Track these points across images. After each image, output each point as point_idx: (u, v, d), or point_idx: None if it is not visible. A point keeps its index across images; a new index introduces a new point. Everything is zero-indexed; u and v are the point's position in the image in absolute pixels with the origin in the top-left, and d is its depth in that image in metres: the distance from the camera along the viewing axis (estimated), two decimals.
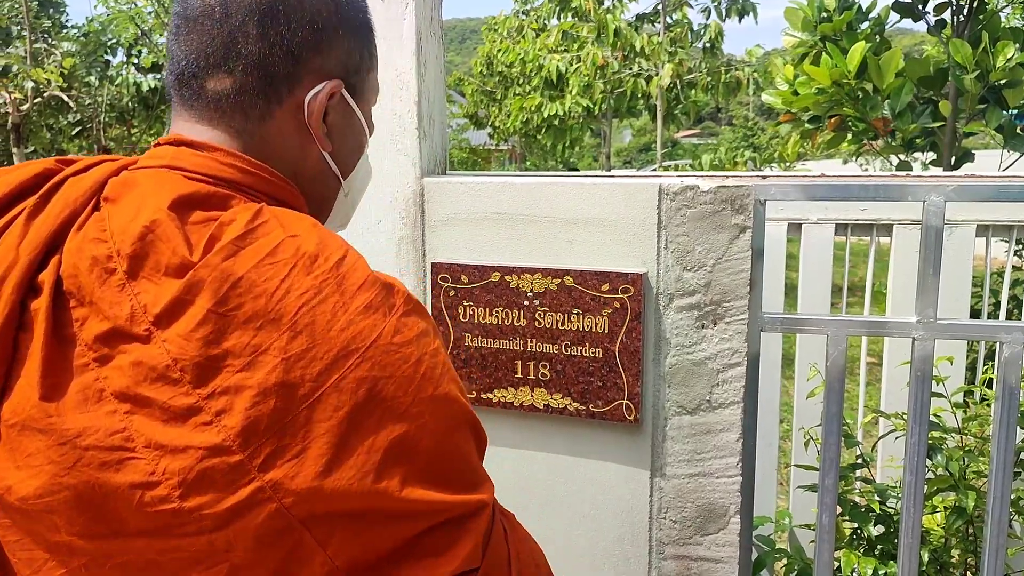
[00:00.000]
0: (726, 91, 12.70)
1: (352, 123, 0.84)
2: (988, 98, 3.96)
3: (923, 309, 1.43)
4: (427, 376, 0.66)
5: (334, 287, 0.66)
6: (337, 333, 0.64)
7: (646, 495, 1.54)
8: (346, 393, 0.63)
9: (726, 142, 22.15)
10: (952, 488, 1.58)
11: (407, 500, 0.64)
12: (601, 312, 1.49)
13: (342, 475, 0.62)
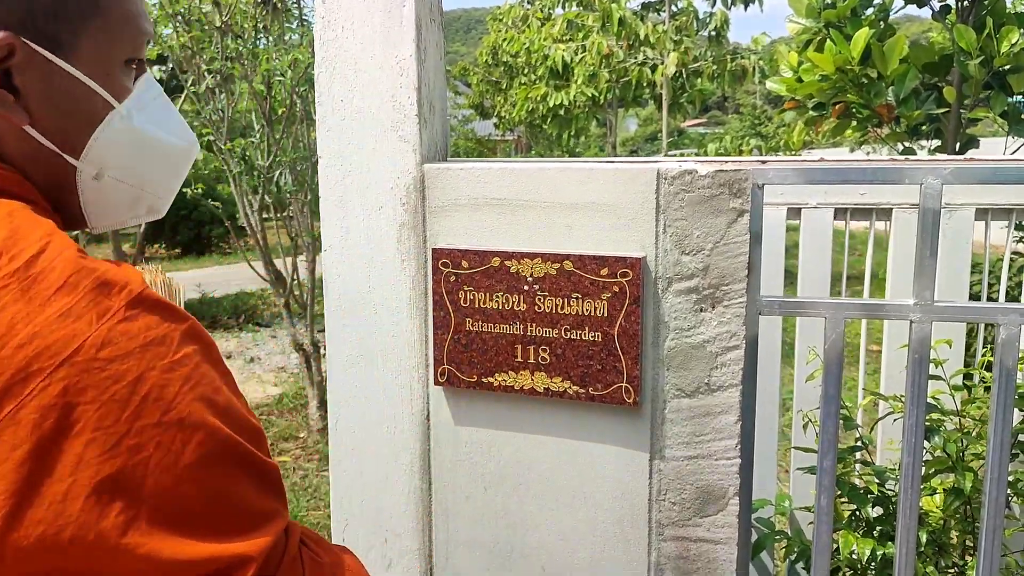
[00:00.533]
0: (732, 79, 12.67)
1: (64, 86, 0.68)
2: (992, 84, 3.94)
3: (920, 292, 1.43)
4: (152, 398, 0.55)
5: (17, 293, 0.54)
6: (13, 351, 0.52)
7: (645, 477, 1.55)
8: (26, 427, 0.51)
9: (733, 131, 22.09)
10: (950, 470, 1.59)
11: (129, 553, 0.53)
12: (600, 296, 1.50)
13: (30, 530, 0.51)
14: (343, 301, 1.69)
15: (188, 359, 0.58)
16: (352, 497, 1.74)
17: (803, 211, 1.79)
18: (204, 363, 0.59)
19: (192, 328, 0.60)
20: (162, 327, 0.57)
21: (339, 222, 1.66)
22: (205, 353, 0.60)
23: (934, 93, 4.11)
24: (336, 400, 1.74)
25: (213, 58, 5.98)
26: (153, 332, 0.57)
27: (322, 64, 1.62)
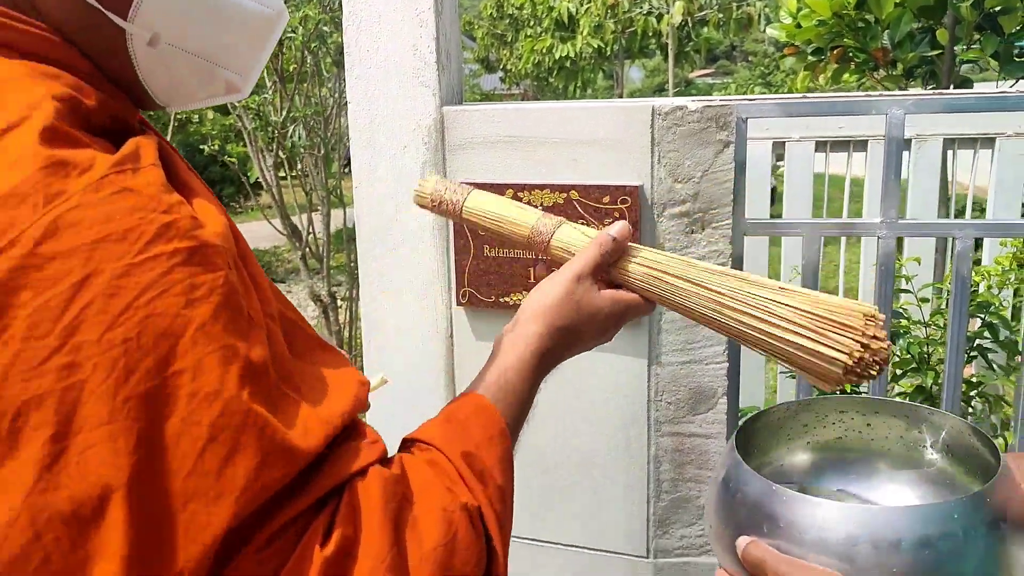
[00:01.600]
0: (737, 27, 12.67)
1: None
2: (984, 25, 4.06)
3: (886, 210, 1.62)
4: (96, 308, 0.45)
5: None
6: None
7: (644, 380, 1.76)
8: None
9: (742, 80, 22.00)
10: (915, 370, 1.79)
11: None
12: (603, 222, 1.69)
13: None
14: (373, 233, 1.88)
15: (155, 263, 0.47)
16: (383, 409, 1.95)
17: (787, 144, 1.97)
18: (181, 269, 0.48)
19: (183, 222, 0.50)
20: (128, 218, 0.47)
21: (368, 162, 1.85)
22: (193, 257, 0.49)
23: (928, 36, 4.23)
24: (369, 324, 1.94)
25: None
26: (113, 225, 0.46)
27: (349, 18, 1.79)
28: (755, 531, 0.75)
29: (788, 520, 0.73)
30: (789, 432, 0.96)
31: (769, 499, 0.75)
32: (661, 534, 1.81)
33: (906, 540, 0.69)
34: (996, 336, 1.76)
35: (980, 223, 1.57)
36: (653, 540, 1.82)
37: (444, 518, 0.57)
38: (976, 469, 0.84)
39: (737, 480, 0.79)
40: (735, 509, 0.78)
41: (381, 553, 0.52)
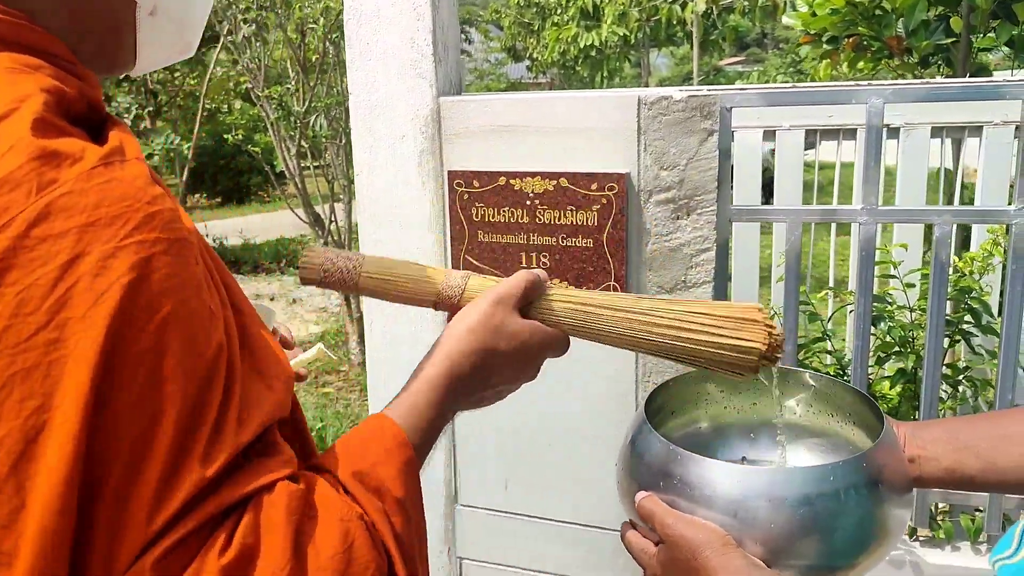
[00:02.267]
0: (763, 15, 12.58)
1: None
2: (999, 13, 4.05)
3: (867, 197, 1.66)
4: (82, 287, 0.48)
5: None
6: None
7: (632, 363, 1.81)
8: None
9: (773, 68, 21.81)
10: (898, 354, 1.83)
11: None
12: (591, 208, 1.75)
13: None
14: (374, 220, 1.96)
15: (140, 248, 0.50)
16: (386, 388, 2.03)
17: (777, 132, 2.01)
18: (169, 253, 0.52)
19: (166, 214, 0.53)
20: (117, 206, 0.50)
21: (368, 150, 1.92)
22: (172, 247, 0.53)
23: (943, 24, 4.22)
24: (370, 308, 2.02)
25: (248, 8, 6.20)
26: (102, 211, 0.49)
27: (350, 11, 1.86)
28: (653, 488, 0.82)
29: (681, 478, 0.80)
30: (705, 398, 1.02)
31: (666, 458, 0.82)
32: None
33: (788, 499, 0.75)
34: (979, 321, 1.79)
35: (958, 209, 1.61)
36: None
37: (341, 528, 0.59)
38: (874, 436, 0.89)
39: (641, 440, 0.87)
40: (638, 467, 0.86)
41: (281, 563, 0.54)
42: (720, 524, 0.76)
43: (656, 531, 0.81)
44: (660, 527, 0.80)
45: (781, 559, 0.76)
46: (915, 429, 0.87)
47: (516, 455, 1.96)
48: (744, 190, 1.98)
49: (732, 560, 0.74)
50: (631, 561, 0.85)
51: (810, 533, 0.75)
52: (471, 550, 2.04)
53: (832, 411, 0.98)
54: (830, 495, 0.75)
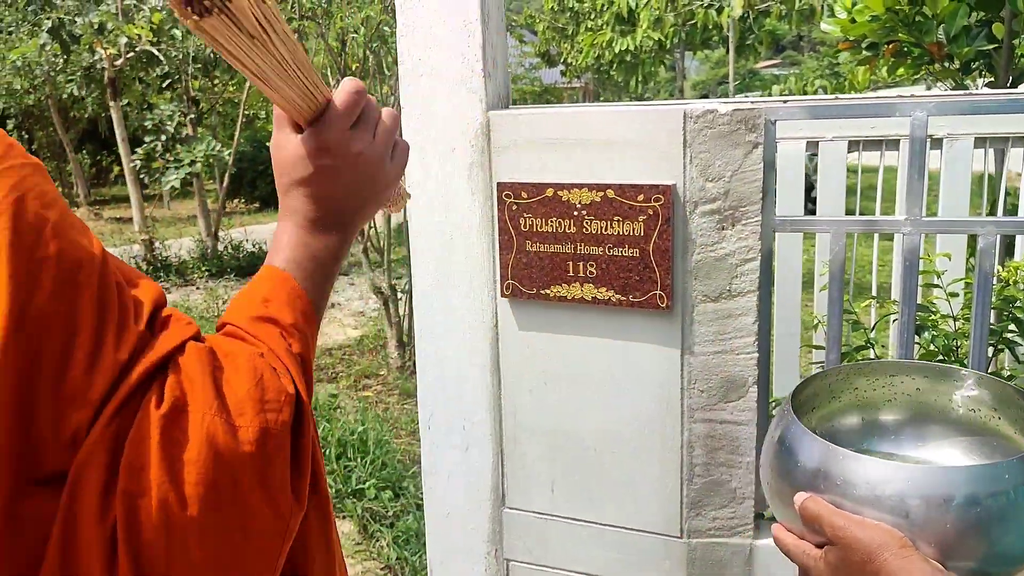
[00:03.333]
0: (800, 19, 12.52)
1: None
2: None
3: (910, 208, 1.69)
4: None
5: None
6: None
7: (678, 370, 1.85)
8: None
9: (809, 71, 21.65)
10: (941, 362, 1.85)
11: None
12: (637, 219, 1.80)
13: None
14: (424, 229, 2.02)
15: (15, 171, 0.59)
16: (436, 392, 2.09)
17: (820, 144, 2.04)
18: (35, 176, 0.60)
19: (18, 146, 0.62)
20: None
21: (419, 163, 1.98)
22: (37, 171, 0.61)
23: (985, 30, 4.20)
24: (421, 313, 2.08)
25: (291, 18, 6.32)
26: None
27: (403, 29, 1.92)
28: (811, 488, 0.81)
29: (843, 478, 0.79)
30: (841, 395, 1.00)
31: (825, 458, 0.81)
32: (694, 515, 1.91)
33: (962, 498, 0.74)
34: (1022, 330, 1.81)
35: (1001, 220, 1.63)
36: (686, 521, 1.92)
37: (248, 367, 0.69)
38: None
39: (793, 440, 0.85)
40: (791, 467, 0.83)
41: (207, 403, 0.64)
42: (890, 525, 0.75)
43: (823, 533, 0.79)
44: (830, 529, 0.78)
45: (952, 561, 0.74)
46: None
47: (562, 459, 2.00)
48: (787, 200, 2.01)
49: (912, 562, 0.73)
50: (676, 564, 0.87)
51: (983, 534, 0.74)
52: (518, 552, 2.09)
53: (995, 409, 0.95)
54: (1002, 494, 0.74)
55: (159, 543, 0.60)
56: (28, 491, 0.57)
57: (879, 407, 1.01)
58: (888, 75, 5.43)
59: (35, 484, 0.57)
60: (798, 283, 2.09)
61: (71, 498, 0.58)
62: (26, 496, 0.57)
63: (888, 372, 0.99)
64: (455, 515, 2.13)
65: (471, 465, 2.09)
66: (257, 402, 0.67)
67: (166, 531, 0.60)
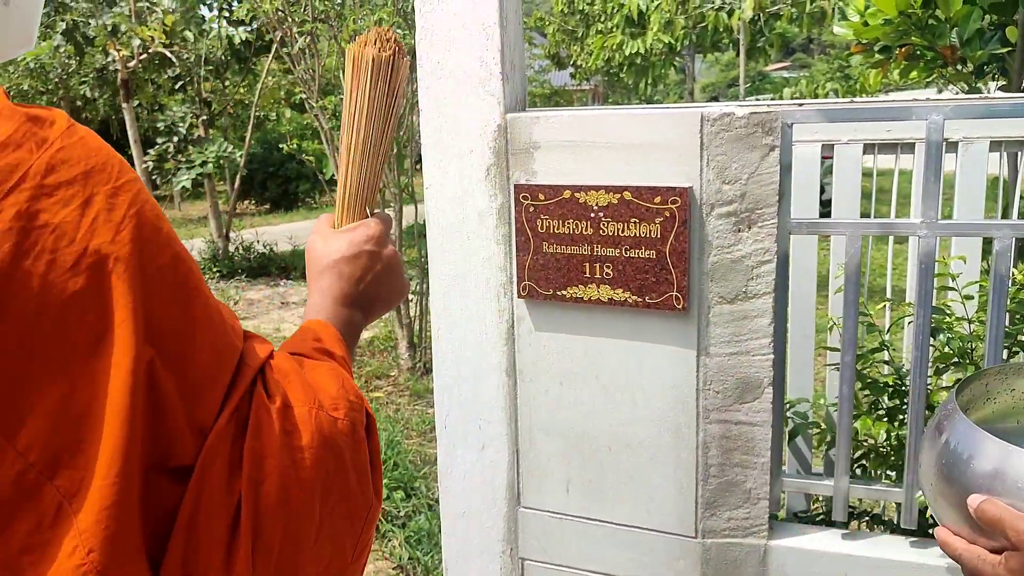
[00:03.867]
0: (811, 22, 12.50)
1: None
2: None
3: (926, 211, 1.70)
4: (102, 220, 0.58)
5: None
6: None
7: (693, 371, 1.87)
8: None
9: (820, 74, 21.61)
10: (957, 364, 1.86)
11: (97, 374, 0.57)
12: (654, 220, 1.81)
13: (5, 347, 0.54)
14: (442, 230, 2.03)
15: (130, 185, 0.60)
16: (452, 391, 2.10)
17: (836, 147, 2.05)
18: (144, 191, 0.62)
19: (126, 161, 0.63)
20: (99, 156, 0.59)
21: (437, 164, 2.00)
22: (143, 187, 0.63)
23: (999, 33, 4.20)
24: (438, 313, 2.10)
25: (304, 20, 6.36)
26: (92, 160, 0.59)
27: (422, 32, 1.94)
28: (985, 490, 0.77)
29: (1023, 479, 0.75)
30: (996, 395, 0.96)
31: (1003, 458, 0.77)
32: (709, 516, 1.92)
33: None
34: None
35: (1017, 223, 1.64)
36: (701, 521, 1.93)
37: (332, 373, 0.78)
38: None
39: (963, 440, 0.81)
40: (962, 469, 0.80)
41: (309, 399, 0.72)
42: None
43: (1006, 537, 0.76)
44: (1014, 533, 0.75)
45: None
46: None
47: (578, 459, 2.02)
48: (801, 202, 2.02)
49: None
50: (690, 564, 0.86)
51: None
52: (533, 551, 2.10)
53: None
54: None
55: (278, 523, 0.66)
56: (158, 479, 0.61)
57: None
58: (900, 78, 5.43)
59: (164, 472, 0.61)
60: (813, 285, 2.09)
61: (199, 483, 0.62)
62: (156, 484, 0.61)
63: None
64: (470, 514, 2.15)
65: (487, 464, 2.10)
66: (346, 400, 0.76)
67: (285, 511, 0.66)
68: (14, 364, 0.53)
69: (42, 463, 0.54)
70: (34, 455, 0.54)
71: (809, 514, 2.18)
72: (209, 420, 0.64)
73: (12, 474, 0.53)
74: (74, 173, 0.57)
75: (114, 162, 0.61)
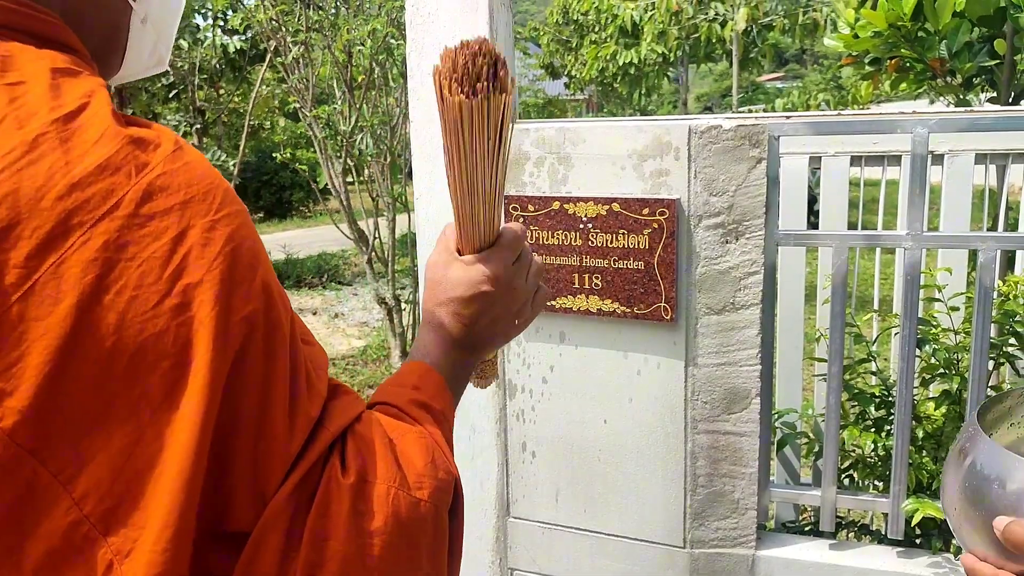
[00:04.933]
0: (803, 33, 12.59)
1: None
2: None
3: (911, 223, 1.71)
4: (194, 256, 0.53)
5: (56, 143, 0.52)
6: (53, 203, 0.50)
7: (682, 381, 1.88)
8: (68, 280, 0.50)
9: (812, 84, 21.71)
10: (943, 375, 1.87)
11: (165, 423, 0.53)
12: (642, 232, 1.82)
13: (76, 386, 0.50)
14: (432, 242, 2.04)
15: (231, 218, 0.56)
16: None
17: (823, 159, 2.06)
18: (247, 225, 0.57)
19: (232, 190, 0.59)
20: (202, 184, 0.55)
21: (427, 175, 2.01)
22: (247, 219, 0.58)
23: (987, 46, 4.24)
24: None
25: (298, 30, 6.37)
26: (194, 189, 0.54)
27: (412, 44, 1.96)
28: (1014, 512, 0.76)
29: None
30: (1019, 418, 0.95)
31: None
32: (697, 526, 1.93)
33: None
34: (1023, 344, 1.83)
35: (1001, 235, 1.66)
36: (689, 531, 1.93)
37: (422, 443, 0.69)
38: None
39: (989, 461, 0.80)
40: (988, 491, 0.79)
41: (390, 476, 0.63)
42: None
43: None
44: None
45: None
46: None
47: (567, 469, 2.02)
48: (789, 213, 2.04)
49: None
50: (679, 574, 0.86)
51: None
52: (522, 561, 2.11)
53: None
54: None
55: None
56: (210, 545, 0.56)
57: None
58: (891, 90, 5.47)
59: (215, 539, 0.57)
60: (801, 296, 2.11)
61: (251, 558, 0.57)
62: (206, 551, 0.56)
63: None
64: None
65: (477, 474, 2.11)
66: (433, 479, 0.67)
67: None
68: (82, 405, 0.50)
69: (97, 516, 0.51)
70: (90, 506, 0.50)
71: (798, 524, 2.18)
72: (272, 488, 0.58)
73: (64, 524, 0.50)
74: (172, 202, 0.53)
75: (218, 191, 0.56)
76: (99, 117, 0.54)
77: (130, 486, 0.51)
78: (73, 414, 0.50)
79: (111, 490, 0.51)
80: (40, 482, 0.49)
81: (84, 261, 0.50)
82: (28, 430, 0.49)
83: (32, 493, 0.49)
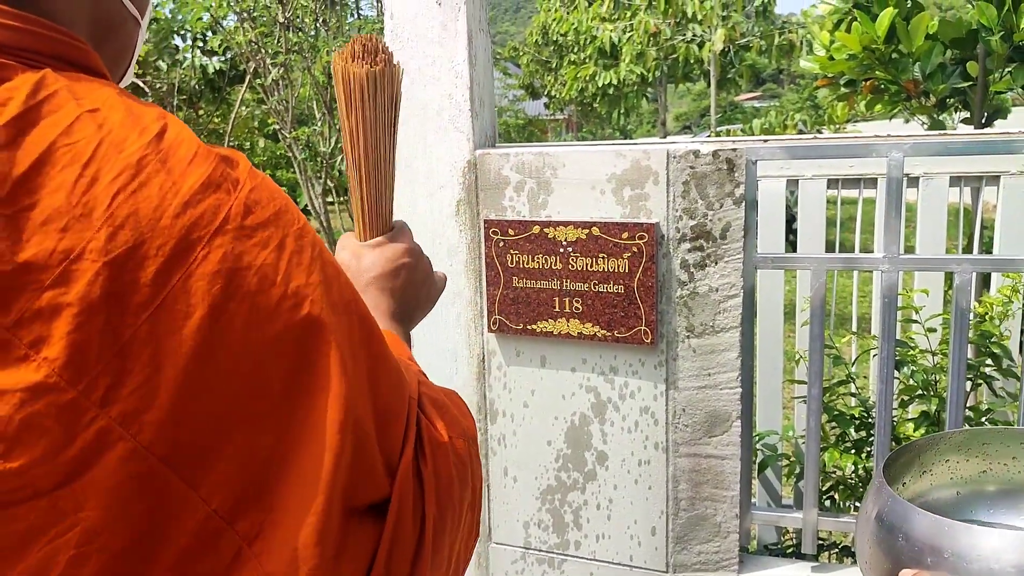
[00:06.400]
0: (779, 54, 12.74)
1: None
2: (1015, 57, 4.13)
3: (888, 246, 1.73)
4: (295, 262, 0.58)
5: (158, 164, 0.55)
6: (172, 221, 0.53)
7: (663, 404, 1.88)
8: (196, 294, 0.52)
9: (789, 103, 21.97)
10: (921, 397, 1.88)
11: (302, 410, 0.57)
12: (622, 256, 1.83)
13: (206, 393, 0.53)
14: None
15: (308, 228, 0.60)
16: None
17: (800, 182, 2.08)
18: (314, 232, 0.62)
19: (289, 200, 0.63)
20: (281, 196, 0.59)
21: (408, 199, 2.01)
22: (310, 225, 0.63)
23: (960, 68, 4.30)
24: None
25: (277, 52, 6.38)
26: (277, 202, 0.58)
27: None
28: (918, 564, 0.77)
29: (953, 551, 0.74)
30: (930, 466, 0.96)
31: (933, 532, 0.77)
32: (680, 550, 1.92)
33: None
34: (999, 364, 1.85)
35: (977, 258, 1.67)
36: (672, 555, 1.93)
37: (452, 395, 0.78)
38: None
39: (894, 514, 0.81)
40: (893, 542, 0.80)
41: (459, 428, 0.73)
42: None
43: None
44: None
45: None
46: None
47: (548, 494, 2.02)
48: (768, 236, 2.05)
49: None
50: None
51: None
52: None
53: None
54: None
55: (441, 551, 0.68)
56: (348, 520, 0.60)
57: (971, 479, 0.97)
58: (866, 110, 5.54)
59: (353, 513, 0.60)
60: (780, 318, 2.12)
61: (396, 523, 0.63)
62: (346, 525, 0.59)
63: (980, 441, 0.96)
64: None
65: None
66: (472, 425, 0.78)
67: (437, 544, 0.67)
68: (210, 409, 0.53)
69: (224, 508, 0.53)
70: (217, 501, 0.53)
71: (780, 546, 2.18)
72: (395, 456, 0.64)
73: (194, 524, 0.52)
74: (267, 215, 0.57)
75: (291, 204, 0.61)
76: (182, 137, 0.57)
77: (256, 476, 0.55)
78: (203, 419, 0.52)
79: (236, 483, 0.54)
80: (172, 488, 0.51)
81: (209, 274, 0.53)
82: (163, 441, 0.51)
83: (165, 500, 0.51)
